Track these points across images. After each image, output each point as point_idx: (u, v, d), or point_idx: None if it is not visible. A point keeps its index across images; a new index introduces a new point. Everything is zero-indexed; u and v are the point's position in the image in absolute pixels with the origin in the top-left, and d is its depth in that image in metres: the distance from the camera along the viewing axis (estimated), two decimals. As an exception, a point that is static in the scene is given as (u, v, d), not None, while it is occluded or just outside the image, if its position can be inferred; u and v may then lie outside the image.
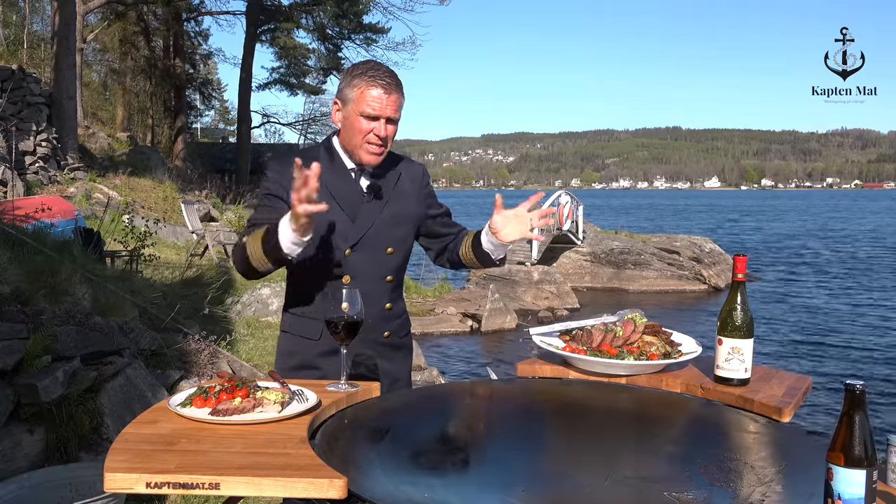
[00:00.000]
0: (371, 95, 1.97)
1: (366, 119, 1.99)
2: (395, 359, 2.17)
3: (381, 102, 1.98)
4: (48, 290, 4.09)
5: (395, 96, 2.00)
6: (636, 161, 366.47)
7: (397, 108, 2.02)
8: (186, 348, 4.89)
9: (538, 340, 2.12)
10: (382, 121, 2.00)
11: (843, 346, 13.58)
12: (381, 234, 2.09)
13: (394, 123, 2.03)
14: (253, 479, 1.25)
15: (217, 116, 43.57)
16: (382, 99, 1.97)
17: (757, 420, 1.70)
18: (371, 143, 2.02)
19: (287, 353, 2.14)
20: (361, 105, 1.98)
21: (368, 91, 1.97)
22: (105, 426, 3.51)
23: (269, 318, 7.71)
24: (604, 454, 1.51)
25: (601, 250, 20.94)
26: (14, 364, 3.22)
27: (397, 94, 2.01)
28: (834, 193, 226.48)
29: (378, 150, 2.04)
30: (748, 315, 1.88)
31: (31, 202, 8.17)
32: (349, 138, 2.05)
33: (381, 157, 2.07)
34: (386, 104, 1.98)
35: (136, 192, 14.92)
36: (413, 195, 2.19)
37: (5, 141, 11.67)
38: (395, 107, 2.01)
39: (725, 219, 58.22)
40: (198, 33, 27.48)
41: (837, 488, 1.13)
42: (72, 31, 15.10)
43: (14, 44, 20.65)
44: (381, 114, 1.99)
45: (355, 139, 2.03)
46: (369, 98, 1.97)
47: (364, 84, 1.98)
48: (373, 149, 2.03)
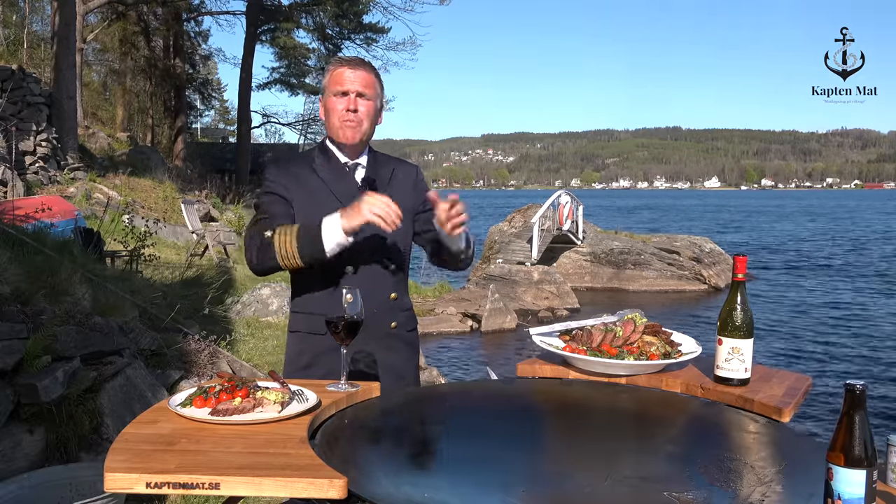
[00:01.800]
0: (338, 74, 2.10)
1: (337, 97, 2.10)
2: (402, 353, 2.18)
3: (349, 77, 2.09)
4: (48, 290, 4.09)
5: (361, 72, 2.10)
6: (636, 161, 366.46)
7: (366, 83, 2.10)
8: (186, 348, 4.89)
9: (538, 340, 2.12)
10: (352, 95, 2.09)
11: (843, 346, 13.58)
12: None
13: (366, 99, 2.11)
14: (253, 479, 1.25)
15: (217, 116, 43.59)
16: (349, 74, 2.09)
17: (757, 420, 1.70)
18: (345, 118, 2.10)
19: (296, 353, 2.16)
20: (332, 86, 2.10)
21: (335, 71, 2.11)
22: (105, 426, 3.51)
23: (269, 318, 7.71)
24: (604, 454, 1.51)
25: (601, 250, 20.93)
26: (14, 364, 3.22)
27: (363, 70, 2.11)
28: (834, 194, 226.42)
29: (353, 123, 2.11)
30: (748, 315, 1.88)
31: (31, 202, 8.17)
32: (330, 123, 2.14)
33: (357, 132, 2.12)
34: (354, 79, 2.09)
35: (136, 192, 14.92)
36: (408, 189, 2.23)
37: (5, 141, 11.66)
38: (362, 82, 2.10)
39: (731, 220, 56.98)
40: (198, 33, 27.50)
41: (837, 488, 1.13)
42: (72, 31, 15.09)
43: (14, 44, 20.65)
44: (349, 88, 2.08)
45: (332, 120, 2.12)
46: (336, 76, 2.10)
47: (332, 67, 2.13)
48: (348, 123, 2.10)
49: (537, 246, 18.99)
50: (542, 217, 19.32)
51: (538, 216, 19.17)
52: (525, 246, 19.44)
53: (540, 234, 19.15)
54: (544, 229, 19.67)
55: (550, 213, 20.15)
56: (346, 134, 2.11)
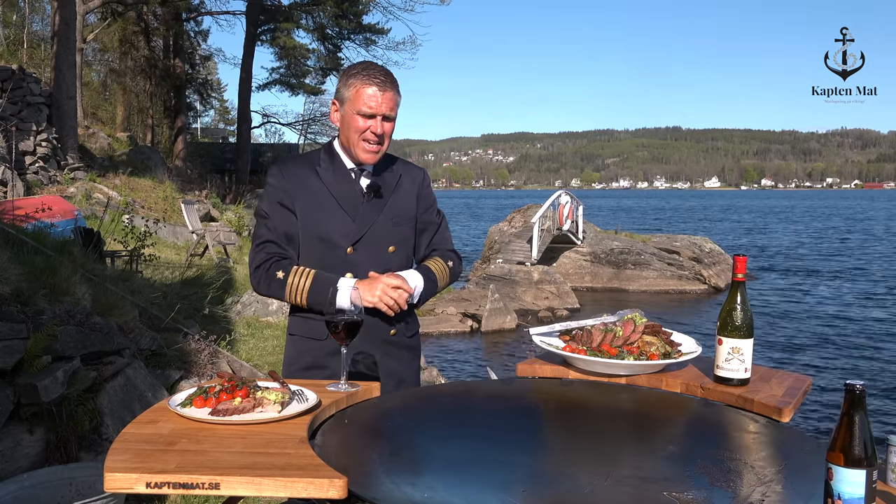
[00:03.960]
0: (366, 94, 2.00)
1: (362, 117, 2.02)
2: (402, 359, 2.17)
3: (377, 100, 2.00)
4: (48, 290, 4.09)
5: (391, 94, 2.02)
6: (636, 161, 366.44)
7: (393, 105, 2.04)
8: (186, 348, 4.89)
9: (538, 340, 2.12)
10: (378, 118, 2.02)
11: (843, 347, 13.58)
12: (381, 232, 2.11)
13: (390, 121, 2.06)
14: (253, 479, 1.25)
15: (217, 116, 43.62)
16: (378, 96, 2.00)
17: (757, 420, 1.70)
18: (368, 140, 2.04)
19: (295, 355, 2.15)
20: (357, 104, 2.01)
21: (364, 90, 2.00)
22: (105, 426, 3.51)
23: (269, 318, 7.71)
24: (604, 454, 1.51)
25: (601, 250, 20.94)
26: (14, 364, 3.22)
27: (392, 91, 2.03)
28: (835, 193, 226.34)
29: (375, 148, 2.06)
30: (748, 315, 1.88)
31: (31, 202, 8.17)
32: (347, 137, 2.07)
33: (377, 155, 2.09)
34: (381, 102, 2.01)
35: (136, 192, 14.92)
36: (412, 195, 2.21)
37: (5, 141, 11.66)
38: (390, 104, 2.03)
39: (743, 226, 55.21)
40: (198, 33, 27.47)
41: (837, 488, 1.13)
42: (72, 31, 15.09)
43: (14, 44, 20.66)
44: (377, 111, 2.01)
45: (353, 137, 2.05)
46: (364, 96, 2.00)
47: (359, 83, 2.01)
48: (370, 147, 2.05)
49: (537, 246, 18.99)
50: (542, 217, 19.32)
51: (538, 216, 19.18)
52: (525, 246, 19.44)
53: (540, 234, 19.15)
54: (544, 229, 19.68)
55: (550, 213, 20.16)
56: (365, 157, 2.07)
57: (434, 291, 2.17)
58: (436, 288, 2.18)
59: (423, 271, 2.15)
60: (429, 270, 2.16)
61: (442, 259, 2.23)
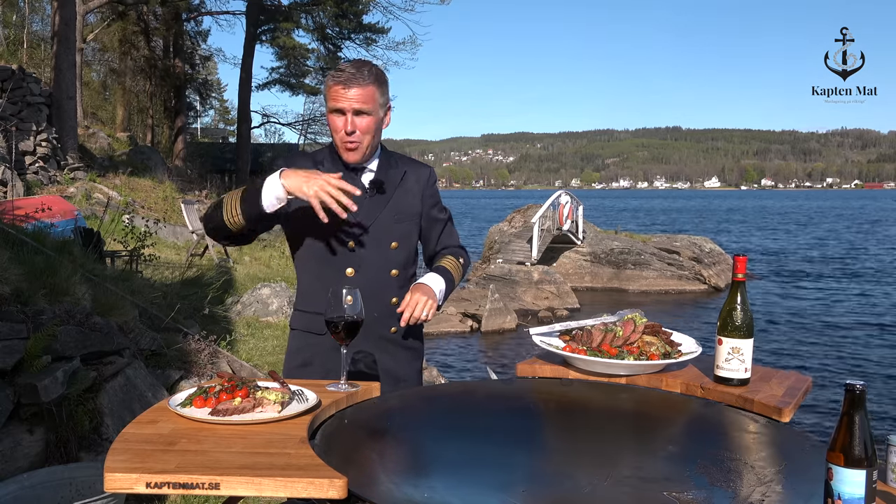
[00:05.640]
0: (333, 91, 2.01)
1: (334, 115, 2.03)
2: (401, 358, 2.17)
3: (343, 95, 1.99)
4: (48, 290, 4.09)
5: (358, 88, 1.98)
6: (636, 161, 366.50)
7: (364, 99, 2.00)
8: (186, 348, 4.89)
9: (538, 340, 2.12)
10: (349, 114, 2.00)
11: (844, 346, 13.58)
12: (384, 229, 2.11)
13: (364, 115, 2.01)
14: (253, 479, 1.25)
15: (217, 116, 43.60)
16: (341, 93, 1.99)
17: (757, 420, 1.70)
18: (344, 140, 2.04)
19: (295, 350, 2.17)
20: (329, 101, 2.03)
21: (332, 87, 2.01)
22: (105, 426, 3.51)
23: (269, 318, 7.71)
24: (604, 454, 1.51)
25: (601, 250, 20.94)
26: (14, 364, 3.22)
27: (360, 85, 1.98)
28: (835, 194, 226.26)
29: (352, 146, 2.04)
30: (748, 315, 1.88)
31: (31, 202, 8.17)
32: (333, 137, 2.09)
33: (357, 154, 2.07)
34: (348, 97, 1.99)
35: (136, 192, 14.92)
36: (417, 193, 2.20)
37: (5, 141, 11.66)
38: (358, 99, 1.99)
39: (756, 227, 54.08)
40: (198, 33, 27.47)
41: (837, 488, 1.13)
42: (72, 31, 15.09)
43: (14, 44, 20.66)
44: (345, 107, 2.00)
45: (335, 137, 2.07)
46: (332, 94, 2.01)
47: (330, 81, 2.02)
48: (348, 145, 2.04)
49: (537, 246, 19.00)
50: (542, 217, 19.32)
51: (538, 216, 19.18)
52: (525, 246, 19.45)
53: (540, 234, 19.15)
54: (544, 229, 19.68)
55: (550, 213, 20.16)
56: (347, 156, 2.07)
57: (452, 290, 2.20)
58: (454, 287, 2.20)
59: (441, 273, 2.16)
60: (446, 271, 2.18)
61: (453, 256, 2.26)
